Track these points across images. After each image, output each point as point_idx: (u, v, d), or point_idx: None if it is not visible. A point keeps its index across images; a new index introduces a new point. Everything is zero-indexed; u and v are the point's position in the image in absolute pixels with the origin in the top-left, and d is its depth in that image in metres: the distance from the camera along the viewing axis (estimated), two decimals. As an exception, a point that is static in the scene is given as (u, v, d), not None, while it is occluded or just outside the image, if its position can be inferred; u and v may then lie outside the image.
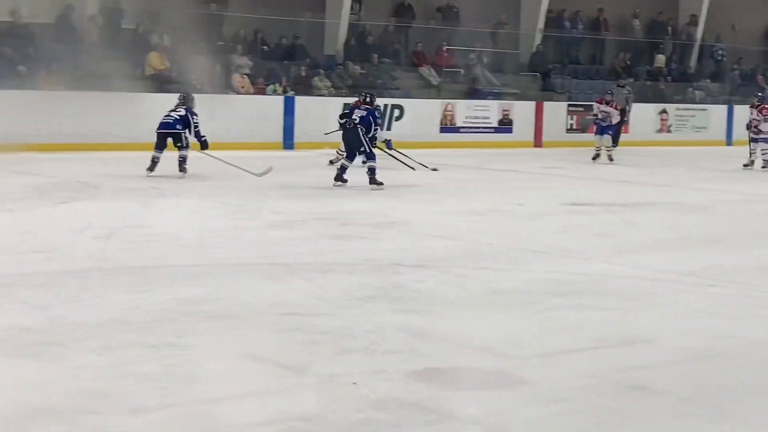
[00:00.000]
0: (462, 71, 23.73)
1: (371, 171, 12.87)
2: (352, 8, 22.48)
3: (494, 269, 7.76)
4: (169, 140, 13.71)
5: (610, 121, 18.88)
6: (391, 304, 6.44)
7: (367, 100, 13.70)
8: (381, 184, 12.80)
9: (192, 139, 13.72)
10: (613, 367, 5.21)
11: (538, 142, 22.63)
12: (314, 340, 5.50)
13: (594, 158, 18.77)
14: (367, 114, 13.21)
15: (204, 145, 13.75)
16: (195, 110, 13.93)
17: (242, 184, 12.69)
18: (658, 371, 5.17)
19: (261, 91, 20.01)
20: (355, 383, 4.71)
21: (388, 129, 20.39)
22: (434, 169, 15.35)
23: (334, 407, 4.45)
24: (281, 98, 19.50)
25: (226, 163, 13.48)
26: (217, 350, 5.32)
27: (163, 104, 17.22)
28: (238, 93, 19.57)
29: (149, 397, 4.51)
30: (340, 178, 12.88)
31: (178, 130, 13.61)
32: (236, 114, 18.72)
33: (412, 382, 4.82)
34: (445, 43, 23.54)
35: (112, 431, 4.12)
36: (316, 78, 20.81)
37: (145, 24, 20.10)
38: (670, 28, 27.85)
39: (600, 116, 18.95)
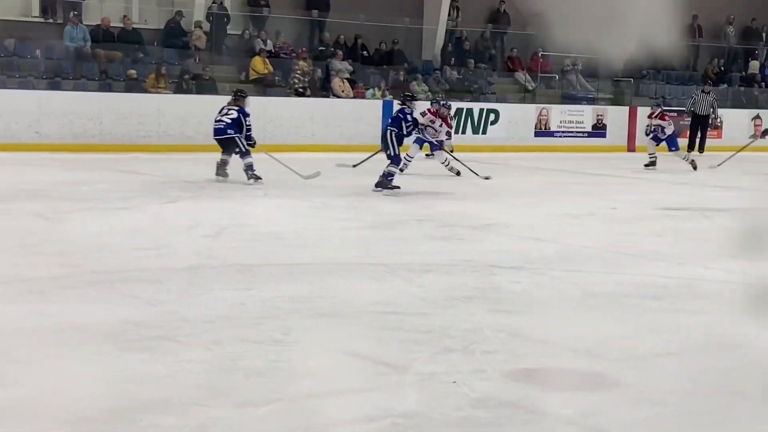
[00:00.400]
0: (557, 76, 23.72)
1: (388, 175, 12.42)
2: (449, 15, 22.66)
3: (589, 272, 7.76)
4: None
5: (664, 133, 18.07)
6: (488, 305, 6.50)
7: (399, 102, 13.55)
8: (396, 188, 12.34)
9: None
10: (707, 370, 5.23)
11: (631, 147, 22.44)
12: (414, 339, 5.57)
13: (646, 165, 17.78)
14: (397, 113, 13.10)
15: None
16: (247, 110, 13.03)
17: (342, 186, 12.76)
18: (752, 375, 5.18)
19: (360, 95, 20.22)
20: (455, 382, 4.79)
21: (483, 133, 20.52)
22: (486, 177, 14.45)
23: (434, 405, 4.51)
24: (380, 102, 19.68)
25: (278, 161, 13.27)
26: (320, 347, 5.40)
27: (265, 107, 17.56)
28: (338, 97, 19.83)
29: (256, 391, 4.62)
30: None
31: (231, 134, 12.71)
32: (336, 117, 19.00)
33: (510, 382, 4.88)
34: (540, 49, 23.51)
35: (220, 424, 4.21)
36: (413, 82, 20.93)
37: (250, 29, 20.53)
38: (764, 35, 27.45)
39: (653, 129, 18.05)
